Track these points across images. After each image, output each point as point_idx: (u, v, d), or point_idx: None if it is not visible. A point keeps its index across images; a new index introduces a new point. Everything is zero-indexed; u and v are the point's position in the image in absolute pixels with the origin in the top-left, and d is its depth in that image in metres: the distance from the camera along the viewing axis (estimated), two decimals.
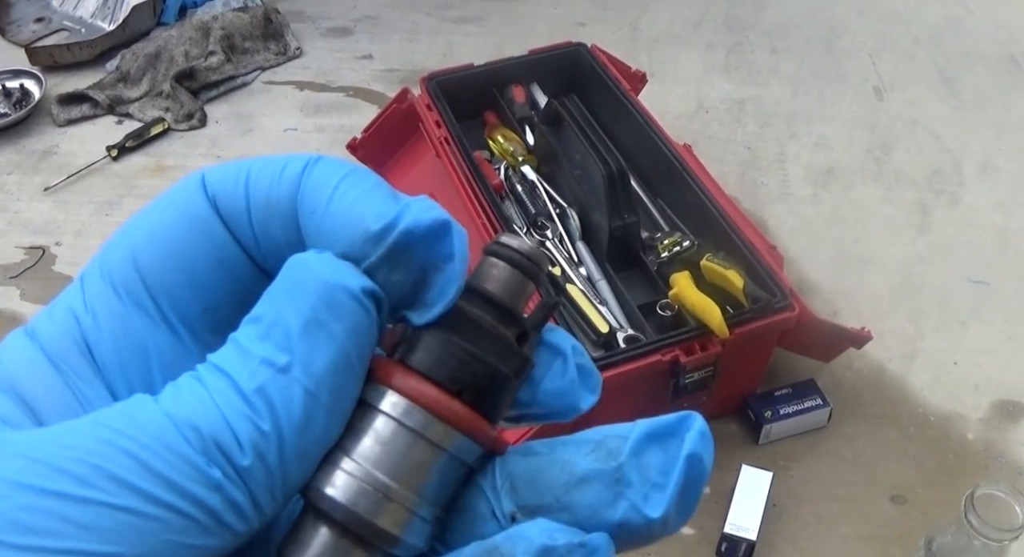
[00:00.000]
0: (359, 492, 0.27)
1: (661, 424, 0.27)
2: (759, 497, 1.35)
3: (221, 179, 0.29)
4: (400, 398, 0.27)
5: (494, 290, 0.29)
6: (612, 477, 0.27)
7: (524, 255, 0.29)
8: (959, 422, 1.50)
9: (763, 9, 2.42)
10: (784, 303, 1.32)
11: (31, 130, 2.14)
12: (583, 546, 0.26)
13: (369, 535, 0.27)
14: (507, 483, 0.28)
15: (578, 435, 0.28)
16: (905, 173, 1.93)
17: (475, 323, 0.28)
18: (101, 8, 2.43)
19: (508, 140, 1.71)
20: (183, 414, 0.24)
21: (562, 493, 0.27)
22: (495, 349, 0.28)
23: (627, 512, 0.26)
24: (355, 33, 2.40)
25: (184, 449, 0.24)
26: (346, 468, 0.27)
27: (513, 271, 0.29)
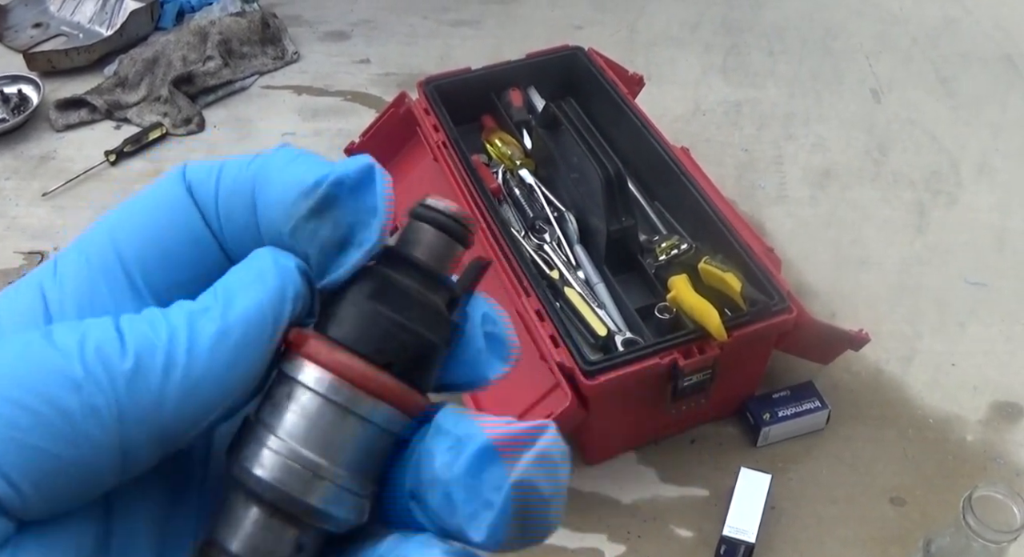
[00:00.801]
0: (287, 470, 0.26)
1: (511, 436, 0.26)
2: (758, 499, 1.35)
3: (198, 170, 0.30)
4: (325, 373, 0.27)
5: (420, 255, 0.29)
6: (444, 489, 0.26)
7: (450, 217, 0.29)
8: (957, 424, 1.50)
9: (760, 11, 2.42)
10: (782, 306, 1.32)
11: (29, 135, 2.14)
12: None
13: (300, 513, 0.27)
14: (413, 458, 0.28)
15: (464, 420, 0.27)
16: (903, 174, 1.93)
17: (401, 290, 0.28)
18: (99, 13, 2.43)
19: (506, 144, 1.71)
20: (80, 329, 0.25)
21: (424, 487, 0.27)
22: (422, 317, 0.28)
23: (456, 530, 0.26)
24: (352, 37, 2.40)
25: (52, 352, 0.24)
26: (272, 446, 0.27)
27: (439, 234, 0.29)
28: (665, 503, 1.42)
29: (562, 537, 1.38)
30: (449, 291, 0.28)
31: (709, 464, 1.46)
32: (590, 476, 1.45)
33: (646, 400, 1.36)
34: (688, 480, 1.44)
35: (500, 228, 1.44)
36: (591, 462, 1.46)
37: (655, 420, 1.43)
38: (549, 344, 1.29)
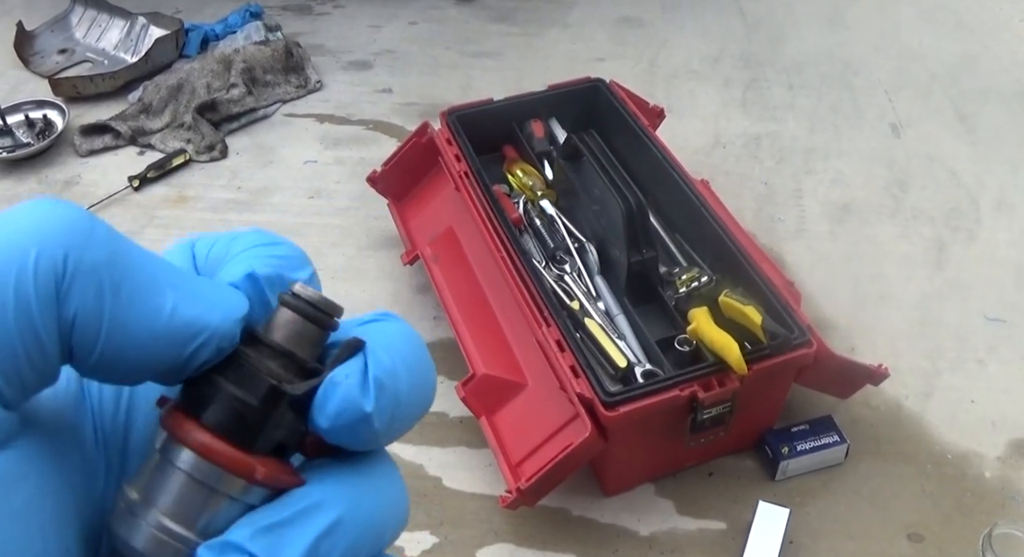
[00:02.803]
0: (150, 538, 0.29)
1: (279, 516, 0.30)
2: (776, 534, 1.35)
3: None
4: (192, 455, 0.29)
5: (275, 337, 0.30)
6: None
7: (309, 302, 0.31)
8: (976, 460, 1.50)
9: (780, 46, 2.43)
10: (802, 339, 1.33)
11: (54, 160, 2.16)
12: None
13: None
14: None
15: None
16: (922, 210, 1.93)
17: (244, 367, 0.30)
18: (124, 40, 2.46)
19: (527, 174, 1.72)
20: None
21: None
22: (252, 387, 0.30)
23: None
24: (375, 67, 2.42)
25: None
26: (148, 521, 0.29)
27: (296, 318, 0.31)
28: (683, 535, 1.42)
29: None
30: (300, 366, 0.30)
31: (727, 497, 1.46)
32: (608, 507, 1.45)
33: (665, 432, 1.36)
34: (706, 513, 1.44)
35: (521, 258, 1.45)
36: (609, 493, 1.46)
37: (674, 452, 1.42)
38: (569, 374, 1.30)
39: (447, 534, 1.41)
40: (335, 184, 2.05)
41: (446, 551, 1.39)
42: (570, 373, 1.30)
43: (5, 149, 2.17)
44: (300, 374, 0.30)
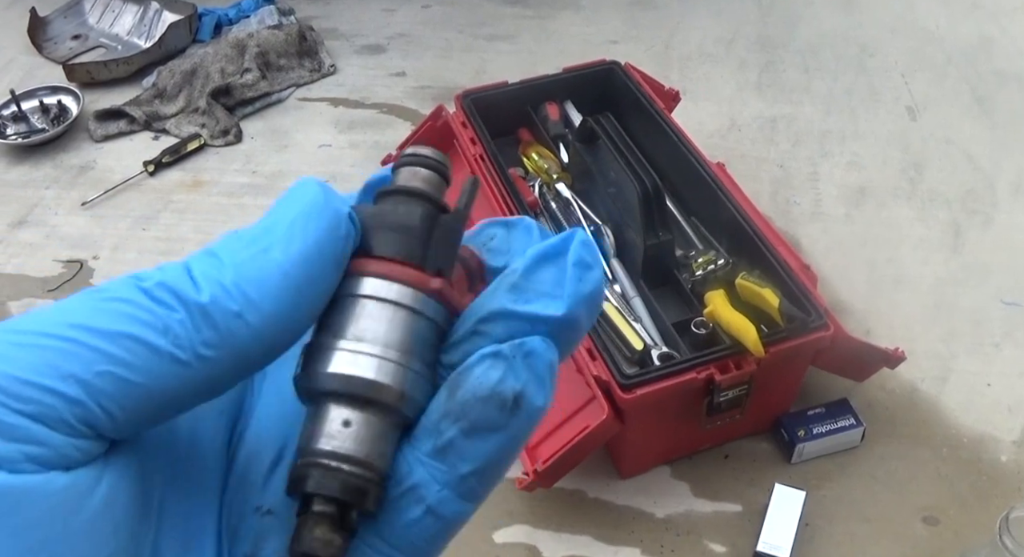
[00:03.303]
0: (383, 368, 0.29)
1: (546, 247, 0.30)
2: (792, 516, 1.35)
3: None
4: (375, 279, 0.30)
5: (405, 184, 0.32)
6: (509, 300, 0.30)
7: (422, 155, 0.33)
8: (992, 444, 1.49)
9: (795, 28, 2.42)
10: (819, 322, 1.32)
11: (69, 146, 2.17)
12: (523, 345, 0.29)
13: (395, 403, 0.29)
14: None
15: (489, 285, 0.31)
16: (938, 193, 1.93)
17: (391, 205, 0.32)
18: (137, 26, 2.46)
19: (543, 157, 1.72)
20: (159, 274, 0.28)
21: (477, 326, 0.30)
22: (408, 212, 0.31)
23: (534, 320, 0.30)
24: (388, 50, 2.42)
25: (142, 297, 0.27)
26: (364, 351, 0.30)
27: (417, 169, 0.33)
28: (699, 518, 1.42)
29: (595, 550, 1.39)
30: (432, 200, 0.32)
31: (743, 480, 1.46)
32: (624, 490, 1.45)
33: (681, 414, 1.36)
34: (722, 495, 1.44)
35: None
36: (625, 475, 1.46)
37: (690, 435, 1.43)
38: (586, 357, 1.30)
39: None
40: (350, 168, 2.04)
41: (463, 533, 1.38)
42: (586, 355, 1.30)
43: (20, 135, 2.17)
44: (437, 209, 0.32)
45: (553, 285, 0.30)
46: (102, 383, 0.25)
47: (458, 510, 0.30)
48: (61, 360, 0.25)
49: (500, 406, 0.29)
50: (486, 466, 0.29)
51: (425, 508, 0.29)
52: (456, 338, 0.31)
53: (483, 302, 0.30)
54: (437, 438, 0.29)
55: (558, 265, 0.30)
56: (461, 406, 0.29)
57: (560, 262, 0.30)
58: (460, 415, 0.29)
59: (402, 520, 0.29)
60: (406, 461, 0.29)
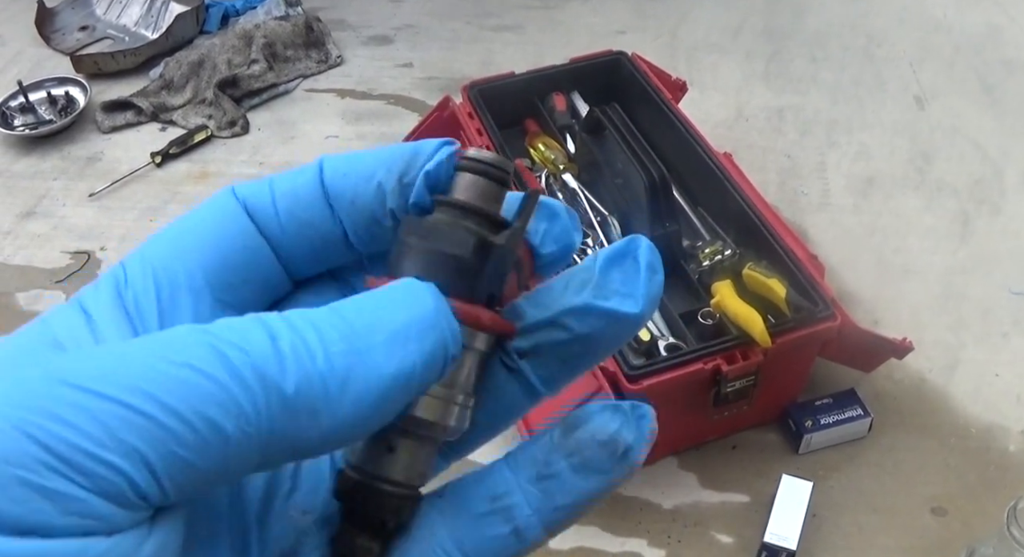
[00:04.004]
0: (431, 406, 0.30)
1: (616, 249, 0.32)
2: (799, 507, 1.35)
3: (249, 186, 0.33)
4: None
5: (460, 196, 0.32)
6: (591, 296, 0.31)
7: (486, 163, 0.32)
8: (1000, 434, 1.49)
9: (802, 17, 2.41)
10: (826, 312, 1.32)
11: (76, 137, 2.17)
12: (638, 408, 0.31)
13: (439, 435, 0.31)
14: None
15: (549, 282, 0.33)
16: (946, 182, 1.92)
17: (443, 228, 0.31)
18: (145, 17, 2.46)
19: (549, 148, 1.72)
20: (239, 340, 0.25)
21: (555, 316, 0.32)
22: (460, 242, 0.31)
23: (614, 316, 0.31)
24: (395, 41, 2.42)
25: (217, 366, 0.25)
26: None
27: (477, 178, 0.32)
28: (706, 508, 1.42)
29: (602, 541, 1.39)
30: (490, 218, 0.32)
31: (750, 470, 1.46)
32: (631, 480, 1.44)
33: (688, 405, 1.36)
34: (729, 486, 1.44)
35: None
36: None
37: (697, 425, 1.43)
38: None
39: None
40: None
41: None
42: None
43: (28, 126, 2.18)
44: (493, 228, 0.32)
45: (626, 284, 0.31)
46: (164, 464, 0.24)
47: (537, 538, 0.31)
48: (125, 432, 0.23)
49: (612, 452, 0.31)
50: (579, 503, 0.31)
51: (512, 528, 0.31)
52: (531, 323, 0.32)
53: (559, 296, 0.32)
54: (544, 468, 0.31)
55: (629, 266, 0.31)
56: (577, 444, 0.31)
57: (630, 263, 0.31)
58: (574, 452, 0.31)
59: (487, 533, 0.31)
60: (506, 481, 0.31)
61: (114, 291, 0.31)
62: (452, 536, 0.31)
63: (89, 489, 0.23)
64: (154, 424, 0.24)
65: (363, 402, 0.26)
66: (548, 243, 0.33)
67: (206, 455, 0.24)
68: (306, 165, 0.33)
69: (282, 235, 0.33)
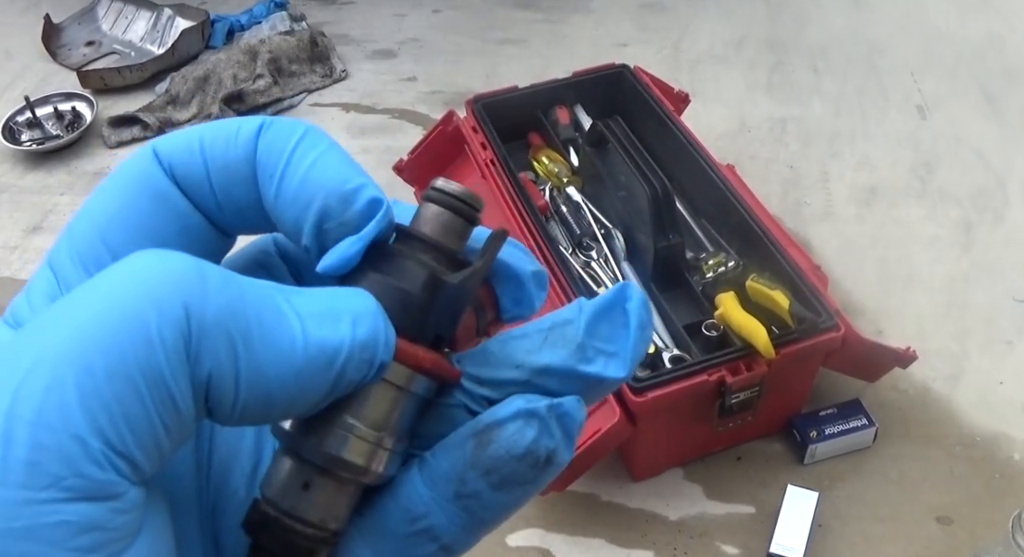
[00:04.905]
0: (358, 448, 0.29)
1: (605, 302, 0.30)
2: (805, 517, 1.35)
3: (174, 149, 0.30)
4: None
5: (422, 228, 0.31)
6: (574, 358, 0.29)
7: (452, 196, 0.31)
8: (1005, 442, 1.50)
9: (804, 28, 2.42)
10: (830, 323, 1.33)
11: (83, 152, 2.18)
12: (559, 406, 0.29)
13: (363, 479, 0.29)
14: (474, 383, 0.30)
15: (525, 327, 0.30)
16: (949, 192, 1.93)
17: (398, 260, 0.30)
18: (150, 32, 2.47)
19: (553, 161, 1.73)
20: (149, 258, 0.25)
21: (530, 377, 0.29)
22: (410, 277, 0.30)
23: (596, 382, 0.29)
24: (400, 55, 2.43)
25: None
26: (343, 428, 0.29)
27: (442, 211, 0.31)
28: (712, 520, 1.42)
29: (608, 553, 1.39)
30: (450, 255, 0.31)
31: (756, 481, 1.46)
32: (637, 492, 1.46)
33: (693, 417, 1.36)
34: (734, 497, 1.45)
35: (548, 245, 1.46)
36: (638, 478, 1.46)
37: (702, 437, 1.43)
38: None
39: None
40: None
41: None
42: None
43: (35, 141, 2.19)
44: (451, 265, 0.31)
45: (612, 342, 0.29)
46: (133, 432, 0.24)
47: (469, 545, 0.30)
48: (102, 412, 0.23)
49: (533, 464, 0.29)
50: (506, 513, 0.30)
51: (439, 546, 0.30)
52: (504, 379, 0.30)
53: (536, 351, 0.30)
54: (461, 487, 0.29)
55: (618, 320, 0.29)
56: (493, 461, 0.29)
57: (619, 317, 0.29)
58: (491, 469, 0.29)
59: (414, 553, 0.30)
60: (423, 502, 0.29)
61: (46, 299, 0.29)
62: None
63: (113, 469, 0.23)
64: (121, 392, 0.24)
65: (283, 359, 0.26)
66: (509, 306, 0.32)
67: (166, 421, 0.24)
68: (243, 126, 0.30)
69: (220, 212, 0.31)
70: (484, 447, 0.29)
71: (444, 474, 0.29)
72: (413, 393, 0.30)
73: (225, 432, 0.32)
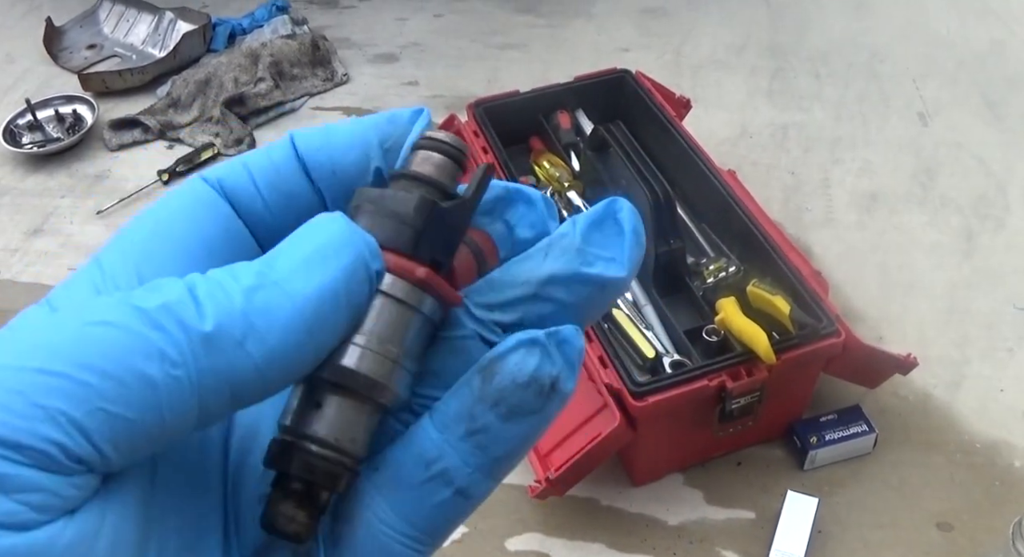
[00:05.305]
0: (375, 361, 0.30)
1: (597, 214, 0.31)
2: (805, 523, 1.35)
3: (218, 170, 0.33)
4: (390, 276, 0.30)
5: (414, 169, 0.32)
6: (576, 262, 0.31)
7: (440, 141, 0.33)
8: (1006, 449, 1.49)
9: (805, 34, 2.42)
10: (830, 329, 1.33)
11: (84, 155, 2.18)
12: (557, 333, 0.30)
13: (378, 396, 0.30)
14: (484, 310, 0.32)
15: (525, 252, 0.32)
16: (950, 198, 1.92)
17: (391, 191, 0.31)
18: (152, 35, 2.47)
19: (554, 166, 1.73)
20: (157, 295, 0.26)
21: (537, 290, 0.31)
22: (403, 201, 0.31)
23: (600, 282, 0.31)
24: (401, 59, 2.43)
25: (135, 319, 0.25)
26: (358, 343, 0.30)
27: (430, 154, 0.32)
28: (711, 525, 1.42)
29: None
30: (438, 187, 0.32)
31: (756, 486, 1.46)
32: (636, 497, 1.45)
33: (694, 422, 1.36)
34: (735, 502, 1.45)
35: None
36: (638, 483, 1.46)
37: (702, 442, 1.43)
38: (597, 365, 1.31)
39: (476, 524, 1.42)
40: None
41: (476, 541, 1.40)
42: (598, 363, 1.31)
43: (36, 144, 2.19)
44: (444, 199, 0.32)
45: (609, 248, 0.31)
46: (94, 422, 0.24)
47: (486, 489, 0.31)
48: (45, 396, 0.24)
49: (538, 391, 0.30)
50: (518, 448, 0.30)
51: (455, 490, 0.30)
52: (513, 297, 0.31)
53: (539, 265, 0.31)
54: (471, 422, 0.30)
55: (611, 229, 0.31)
56: (499, 392, 0.30)
57: (611, 226, 0.31)
58: (498, 400, 0.30)
59: (430, 502, 0.30)
60: (435, 446, 0.30)
61: (90, 289, 0.30)
62: (396, 510, 0.30)
63: (21, 463, 0.23)
64: (74, 383, 0.24)
65: (292, 328, 0.27)
66: (524, 228, 0.34)
67: (136, 405, 0.24)
68: (275, 142, 0.33)
69: (265, 211, 0.32)
70: (490, 380, 0.30)
71: (454, 414, 0.30)
72: (417, 310, 0.31)
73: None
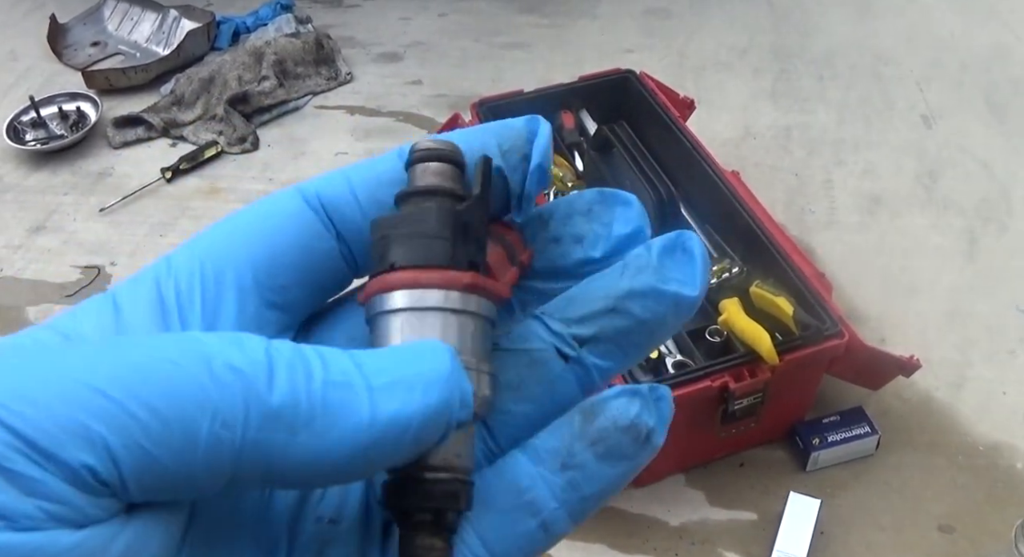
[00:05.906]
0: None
1: (668, 241, 0.32)
2: (807, 524, 1.35)
3: (317, 181, 0.32)
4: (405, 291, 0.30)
5: (418, 184, 0.32)
6: (653, 279, 0.32)
7: (428, 149, 0.32)
8: (1008, 451, 1.49)
9: (810, 36, 2.42)
10: (833, 330, 1.33)
11: (87, 152, 2.19)
12: (656, 389, 0.31)
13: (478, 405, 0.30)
14: (563, 325, 0.33)
15: (601, 272, 0.33)
16: (953, 201, 1.92)
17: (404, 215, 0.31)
18: (156, 33, 2.48)
19: (557, 166, 1.72)
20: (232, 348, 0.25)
21: (616, 304, 0.32)
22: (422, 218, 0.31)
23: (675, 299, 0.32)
24: (405, 59, 2.43)
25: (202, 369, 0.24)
26: None
27: (427, 164, 0.32)
28: (713, 526, 1.42)
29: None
30: (446, 193, 0.31)
31: (758, 488, 1.46)
32: (638, 498, 1.45)
33: (696, 423, 1.36)
34: (737, 503, 1.45)
35: None
36: (639, 484, 1.46)
37: (705, 443, 1.43)
38: None
39: None
40: None
41: None
42: None
43: (39, 141, 2.19)
44: (456, 201, 0.31)
45: (681, 271, 0.32)
46: (129, 456, 0.24)
47: (563, 530, 0.31)
48: (92, 418, 0.23)
49: (635, 437, 0.30)
50: (604, 491, 0.31)
51: (539, 522, 0.30)
52: (591, 311, 0.32)
53: (617, 281, 0.32)
54: (569, 458, 0.30)
55: (681, 256, 0.32)
56: (599, 432, 0.30)
57: (682, 253, 0.32)
58: (597, 440, 0.30)
59: (513, 530, 0.30)
60: (528, 475, 0.30)
61: (153, 286, 0.30)
62: (479, 535, 0.30)
63: (51, 472, 0.23)
64: (122, 412, 0.23)
65: (348, 440, 0.25)
66: (621, 225, 0.34)
67: (173, 452, 0.24)
68: (381, 155, 0.33)
69: (363, 221, 0.32)
70: (591, 420, 0.31)
71: (551, 448, 0.31)
72: (476, 314, 0.31)
73: None
